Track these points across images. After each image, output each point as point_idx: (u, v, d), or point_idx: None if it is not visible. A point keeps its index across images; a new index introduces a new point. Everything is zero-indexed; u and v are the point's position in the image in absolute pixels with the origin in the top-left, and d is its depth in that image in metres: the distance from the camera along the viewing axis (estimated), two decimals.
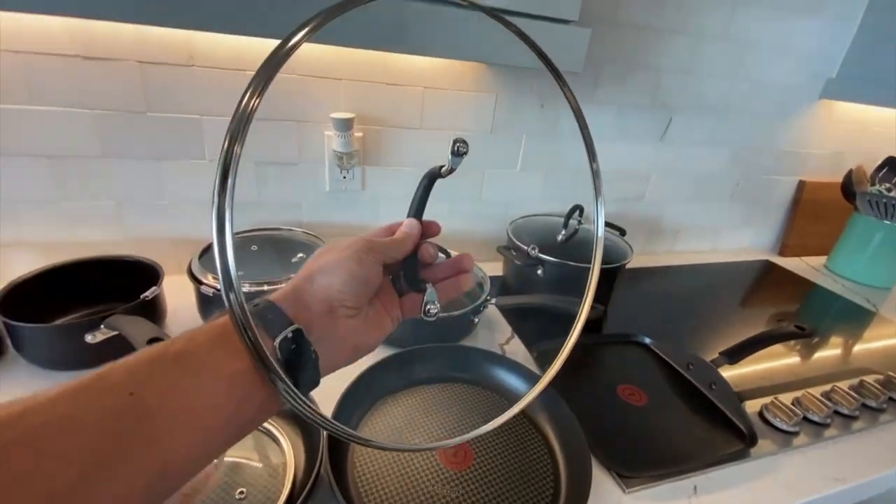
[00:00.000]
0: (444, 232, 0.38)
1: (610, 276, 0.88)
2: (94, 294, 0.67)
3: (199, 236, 0.80)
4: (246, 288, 0.67)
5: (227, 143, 0.22)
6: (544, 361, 0.72)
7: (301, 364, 0.27)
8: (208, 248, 0.73)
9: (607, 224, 0.98)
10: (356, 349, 0.33)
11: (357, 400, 0.57)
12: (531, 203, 1.04)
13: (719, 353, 0.70)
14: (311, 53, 0.75)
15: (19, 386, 0.57)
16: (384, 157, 0.88)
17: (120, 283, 0.66)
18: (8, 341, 0.60)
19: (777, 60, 1.07)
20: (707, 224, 1.27)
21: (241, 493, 0.44)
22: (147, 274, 0.68)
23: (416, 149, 0.89)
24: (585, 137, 0.36)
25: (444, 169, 0.35)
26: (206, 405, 0.24)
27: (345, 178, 0.86)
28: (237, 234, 0.79)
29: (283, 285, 0.31)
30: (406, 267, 0.36)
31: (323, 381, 0.30)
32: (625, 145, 1.05)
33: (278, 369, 0.25)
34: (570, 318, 0.71)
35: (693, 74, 1.02)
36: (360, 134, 0.83)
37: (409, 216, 0.38)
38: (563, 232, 0.89)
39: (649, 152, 1.09)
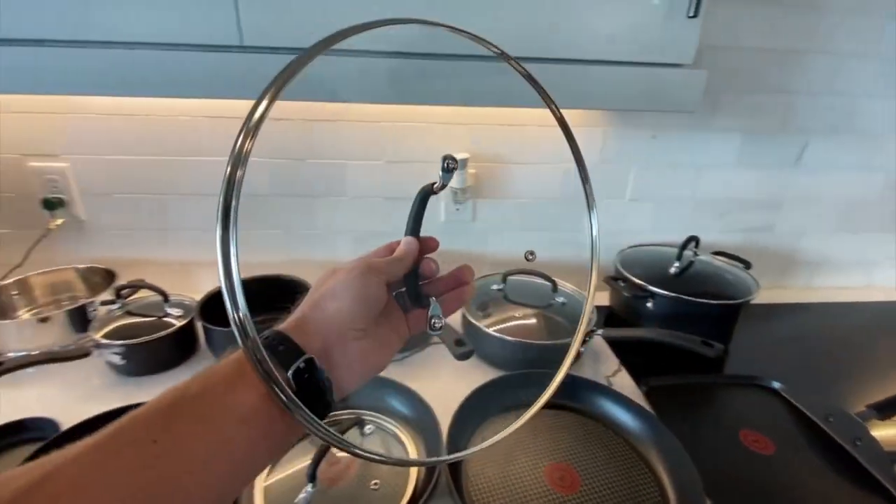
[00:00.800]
0: (549, 260, 0.41)
1: (731, 313, 0.83)
2: (265, 305, 0.82)
3: (343, 257, 0.94)
4: None
5: (229, 168, 0.23)
6: (656, 397, 0.70)
7: (316, 392, 0.28)
8: None
9: (729, 256, 0.93)
10: (367, 370, 0.33)
11: (470, 415, 0.62)
12: (640, 233, 1.02)
13: (867, 406, 0.63)
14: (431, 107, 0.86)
15: None
16: (495, 191, 0.95)
17: (284, 297, 0.81)
18: (202, 340, 0.78)
19: None
20: (857, 258, 1.11)
21: (376, 484, 0.52)
22: (303, 290, 0.82)
23: (524, 182, 0.94)
24: (580, 171, 0.38)
25: (436, 186, 0.36)
26: (227, 445, 0.25)
27: (458, 210, 0.95)
28: None
29: (292, 314, 0.33)
30: (408, 283, 0.37)
31: (438, 393, 0.33)
32: (749, 173, 0.99)
33: (296, 401, 0.25)
34: (684, 354, 0.70)
35: (836, 94, 0.93)
36: (473, 171, 0.91)
37: (406, 234, 0.38)
38: (677, 264, 0.87)
39: (779, 180, 1.01)
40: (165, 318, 0.75)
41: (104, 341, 0.69)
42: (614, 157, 0.94)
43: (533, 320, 0.81)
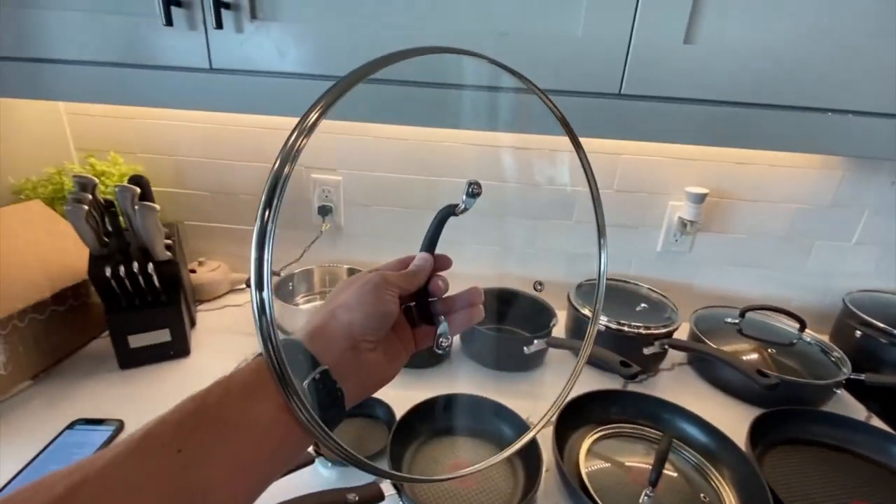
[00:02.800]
0: (757, 297, 0.38)
1: None
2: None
3: (554, 276, 1.01)
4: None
5: (276, 165, 0.24)
6: None
7: (328, 403, 0.29)
8: (580, 286, 0.93)
9: None
10: (376, 382, 0.34)
11: (762, 433, 0.66)
12: (858, 277, 1.00)
13: None
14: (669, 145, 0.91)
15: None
16: (717, 225, 0.97)
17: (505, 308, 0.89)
18: (458, 344, 0.87)
19: None
20: None
21: (704, 496, 0.56)
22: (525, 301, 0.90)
23: (749, 218, 0.96)
24: (595, 202, 0.40)
25: (457, 208, 0.37)
26: (247, 453, 0.26)
27: (676, 241, 0.99)
28: (588, 281, 0.97)
29: (308, 322, 0.33)
30: (418, 299, 0.37)
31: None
32: None
33: (313, 414, 0.26)
34: None
35: None
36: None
37: (421, 250, 0.38)
38: None
39: None
40: None
41: None
42: (847, 201, 0.94)
43: (768, 358, 0.82)
